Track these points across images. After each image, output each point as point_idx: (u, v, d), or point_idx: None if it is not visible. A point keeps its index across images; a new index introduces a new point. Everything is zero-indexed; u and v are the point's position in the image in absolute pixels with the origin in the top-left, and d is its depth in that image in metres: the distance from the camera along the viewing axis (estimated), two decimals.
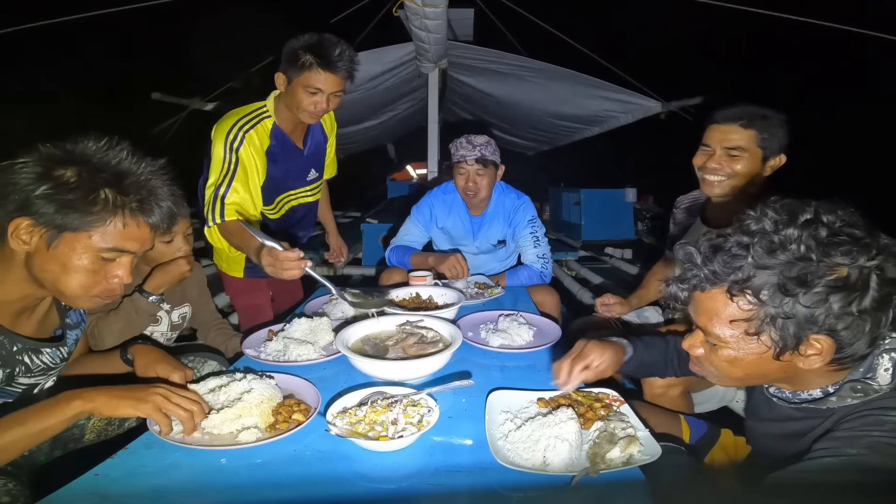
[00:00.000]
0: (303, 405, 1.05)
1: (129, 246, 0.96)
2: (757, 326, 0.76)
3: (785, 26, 2.96)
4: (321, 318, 1.50)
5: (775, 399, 0.92)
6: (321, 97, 1.73)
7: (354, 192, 7.88)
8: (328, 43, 1.69)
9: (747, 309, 0.76)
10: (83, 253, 0.92)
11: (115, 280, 0.98)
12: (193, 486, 0.84)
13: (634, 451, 0.88)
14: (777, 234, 0.74)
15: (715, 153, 1.51)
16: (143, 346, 1.25)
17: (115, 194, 0.91)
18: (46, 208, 0.87)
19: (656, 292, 1.96)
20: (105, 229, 0.92)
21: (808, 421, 0.84)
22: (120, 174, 0.93)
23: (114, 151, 0.94)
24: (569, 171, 7.58)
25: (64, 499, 0.78)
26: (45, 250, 0.91)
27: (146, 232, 0.98)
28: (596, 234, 5.29)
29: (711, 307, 0.81)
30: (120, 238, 0.94)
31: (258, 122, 1.80)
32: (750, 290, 0.75)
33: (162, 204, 0.99)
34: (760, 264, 0.74)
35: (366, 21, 4.63)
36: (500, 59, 4.07)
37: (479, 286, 2.05)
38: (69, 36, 3.95)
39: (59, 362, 1.10)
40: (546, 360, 1.36)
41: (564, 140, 6.11)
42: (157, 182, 0.98)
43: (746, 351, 0.80)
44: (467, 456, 0.91)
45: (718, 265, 0.78)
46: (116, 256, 0.96)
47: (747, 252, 0.75)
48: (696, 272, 0.81)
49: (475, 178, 2.16)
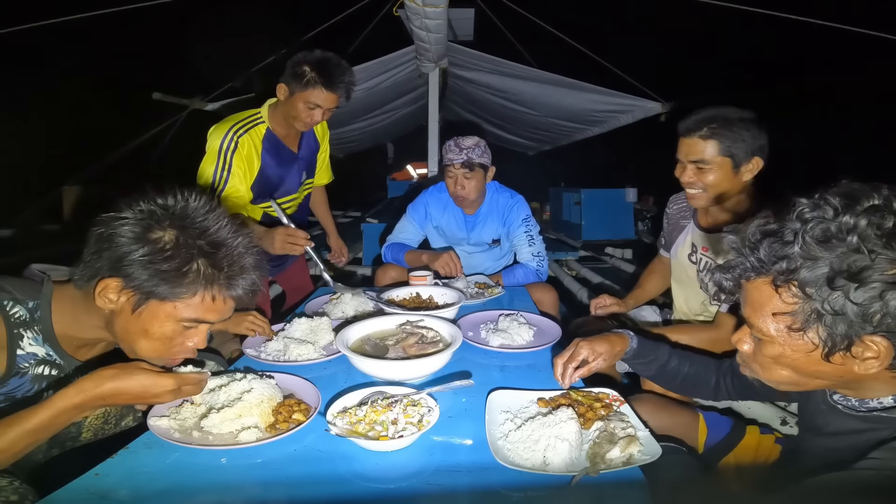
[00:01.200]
0: (303, 405, 1.05)
1: (210, 317, 0.93)
2: (802, 322, 0.69)
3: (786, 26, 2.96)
4: (321, 318, 1.50)
5: (840, 407, 0.83)
6: (318, 112, 1.87)
7: (354, 191, 7.87)
8: (331, 63, 1.83)
9: (791, 302, 0.70)
10: (165, 321, 0.90)
11: (189, 344, 0.96)
12: (194, 485, 0.84)
13: (634, 451, 0.88)
14: (833, 222, 0.66)
15: (686, 167, 1.49)
16: None
17: (207, 267, 0.89)
18: (139, 274, 0.85)
19: (652, 292, 1.97)
20: (192, 301, 0.90)
21: (875, 433, 0.75)
22: (215, 244, 0.90)
23: (213, 216, 0.92)
24: (569, 171, 7.58)
25: (64, 498, 0.78)
26: (130, 313, 0.89)
27: (230, 305, 0.96)
28: (596, 234, 5.29)
29: (756, 298, 0.75)
30: (203, 310, 0.92)
31: (252, 128, 1.91)
32: (796, 282, 0.68)
33: (248, 277, 0.96)
34: (809, 254, 0.66)
35: (366, 21, 4.62)
36: (501, 67, 4.08)
37: (479, 286, 2.06)
38: (69, 36, 3.94)
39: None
40: (546, 359, 1.36)
41: (565, 140, 6.11)
42: (248, 256, 0.95)
43: (792, 348, 0.73)
44: (467, 456, 0.91)
45: (765, 252, 0.71)
46: (196, 325, 0.94)
47: (796, 239, 0.68)
48: (743, 260, 0.75)
49: (463, 181, 2.17)
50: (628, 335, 1.17)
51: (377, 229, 3.98)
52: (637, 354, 1.16)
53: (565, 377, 1.07)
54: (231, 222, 0.94)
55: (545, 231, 6.02)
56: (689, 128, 1.46)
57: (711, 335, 1.53)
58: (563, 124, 5.33)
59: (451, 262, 2.04)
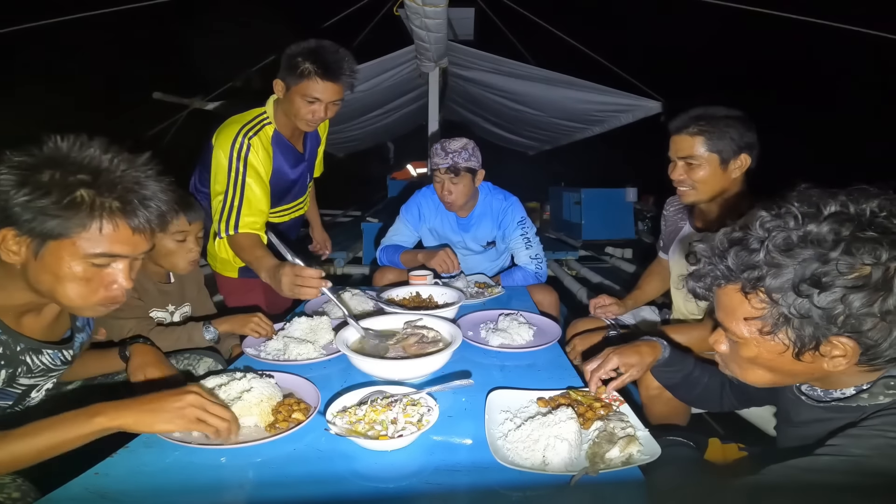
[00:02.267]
0: (302, 404, 1.05)
1: (118, 250, 0.89)
2: (771, 325, 0.73)
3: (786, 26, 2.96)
4: (321, 317, 1.50)
5: (804, 398, 0.89)
6: (319, 106, 1.71)
7: (354, 191, 7.87)
8: (327, 51, 1.66)
9: (760, 307, 0.73)
10: (71, 261, 0.87)
11: (114, 286, 0.93)
12: (193, 484, 0.84)
13: (634, 451, 0.88)
14: (796, 231, 0.69)
15: (676, 164, 1.53)
16: (142, 347, 1.25)
17: (92, 195, 0.85)
18: (25, 215, 0.83)
19: (652, 292, 1.97)
20: (89, 234, 0.86)
21: (837, 421, 0.80)
22: (95, 172, 0.86)
23: (88, 149, 0.87)
24: (569, 171, 7.58)
25: (64, 497, 0.78)
26: (34, 260, 0.87)
27: (142, 236, 0.92)
28: (596, 234, 5.29)
29: (727, 303, 0.78)
30: (108, 242, 0.87)
31: (261, 129, 1.78)
32: (763, 289, 0.72)
33: (150, 204, 0.90)
34: (774, 262, 0.70)
35: (366, 20, 4.63)
36: (501, 66, 4.08)
37: (479, 285, 2.06)
38: (69, 36, 3.94)
39: (59, 364, 1.09)
40: (546, 359, 1.36)
41: (565, 139, 6.11)
42: (140, 178, 0.90)
43: (765, 349, 0.77)
44: (467, 455, 0.91)
45: (732, 261, 0.75)
46: (109, 262, 0.90)
47: (761, 248, 0.71)
48: (712, 268, 0.78)
49: (449, 186, 2.13)
50: (660, 343, 1.18)
51: (377, 229, 3.98)
52: (668, 363, 1.17)
53: (592, 385, 1.11)
54: (115, 153, 0.89)
55: (545, 231, 6.04)
56: (678, 125, 1.51)
57: (703, 333, 1.54)
58: (564, 123, 5.32)
59: (448, 258, 2.01)
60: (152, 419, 0.87)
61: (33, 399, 1.08)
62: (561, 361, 1.34)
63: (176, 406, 0.88)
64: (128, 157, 0.90)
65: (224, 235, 1.67)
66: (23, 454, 0.83)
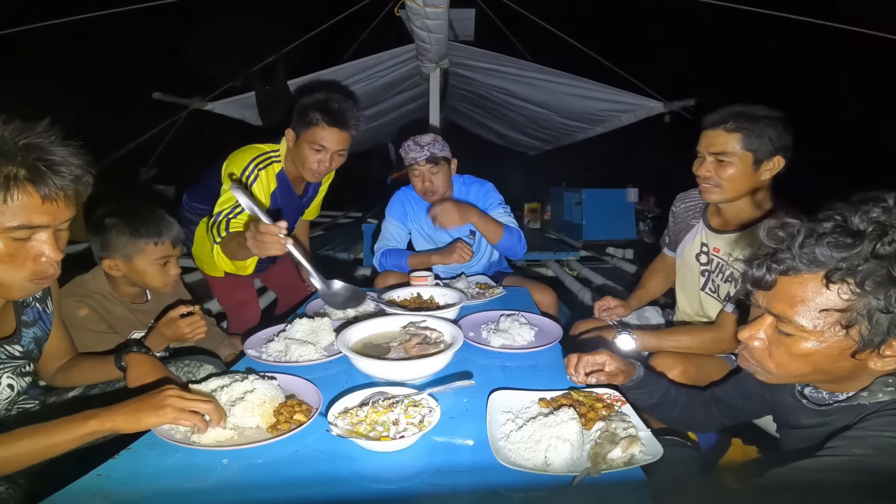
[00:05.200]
0: (304, 405, 1.05)
1: (37, 220, 0.87)
2: (850, 318, 0.71)
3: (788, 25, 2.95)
4: (322, 319, 1.50)
5: (804, 402, 0.88)
6: (325, 155, 1.83)
7: (355, 191, 7.87)
8: (334, 100, 1.82)
9: (846, 298, 0.71)
10: None
11: (42, 259, 0.91)
12: (195, 486, 0.84)
13: (636, 451, 0.88)
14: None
15: (705, 160, 1.48)
16: (138, 356, 1.25)
17: None
18: None
19: (655, 291, 1.96)
20: (2, 208, 0.84)
21: (839, 422, 0.81)
22: None
23: None
24: (570, 171, 7.58)
25: (66, 499, 0.78)
26: None
27: (58, 204, 0.89)
28: (597, 234, 5.29)
29: (798, 293, 0.75)
30: (23, 213, 0.85)
31: (269, 164, 1.89)
32: (853, 280, 0.70)
33: (59, 168, 0.87)
34: (877, 253, 0.68)
35: (367, 21, 4.62)
36: (502, 63, 4.07)
37: (480, 286, 2.06)
38: (69, 36, 3.94)
39: (3, 358, 1.07)
40: (547, 360, 1.36)
41: (567, 140, 6.10)
42: (43, 144, 0.87)
43: (828, 344, 0.74)
44: (469, 456, 0.91)
45: (820, 249, 0.72)
46: (29, 234, 0.89)
47: (861, 239, 0.69)
48: (792, 254, 0.75)
49: (430, 177, 2.18)
50: (636, 364, 1.18)
51: None
52: (642, 383, 1.16)
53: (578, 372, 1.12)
54: (8, 124, 0.86)
55: (546, 231, 6.05)
56: (715, 120, 1.46)
57: (714, 335, 1.53)
58: (566, 123, 5.32)
59: (464, 250, 2.07)
60: (139, 416, 0.90)
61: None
62: (562, 362, 1.34)
63: (156, 401, 0.92)
64: (23, 126, 0.87)
65: (219, 240, 1.71)
66: (17, 455, 0.85)
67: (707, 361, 1.52)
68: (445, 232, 2.33)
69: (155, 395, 0.93)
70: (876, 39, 2.64)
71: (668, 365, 1.43)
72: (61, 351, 1.28)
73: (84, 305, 1.48)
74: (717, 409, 1.16)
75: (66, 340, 1.30)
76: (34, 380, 1.26)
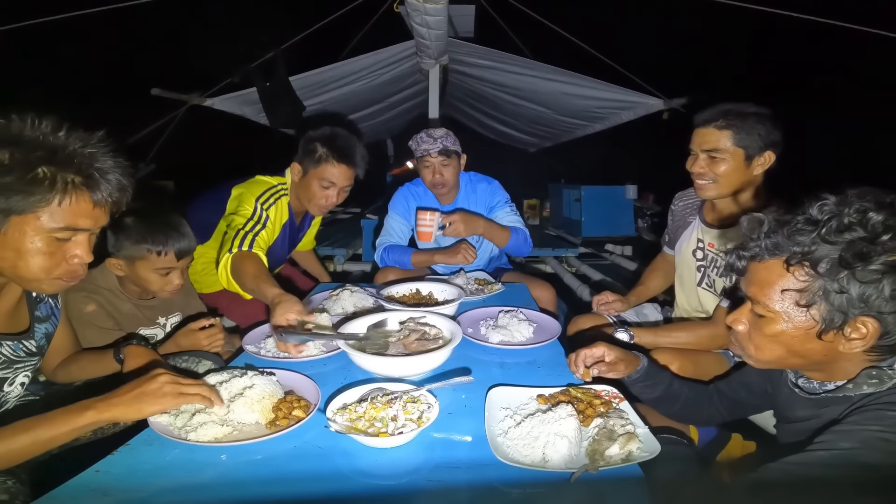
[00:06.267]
0: (303, 401, 1.05)
1: (81, 223, 0.92)
2: (808, 298, 0.77)
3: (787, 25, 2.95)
4: (321, 315, 1.50)
5: (798, 391, 0.93)
6: (333, 191, 1.87)
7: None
8: (341, 137, 1.85)
9: (802, 280, 0.78)
10: (35, 235, 0.89)
11: (74, 260, 0.96)
12: (194, 482, 0.84)
13: (633, 448, 0.88)
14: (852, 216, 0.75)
15: (698, 157, 1.51)
16: (136, 348, 1.24)
17: (53, 171, 0.87)
18: None
19: (655, 289, 1.96)
20: (51, 209, 0.88)
21: (828, 414, 0.85)
22: (52, 149, 0.88)
23: (43, 128, 0.89)
24: (570, 168, 7.58)
25: (65, 495, 0.78)
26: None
27: (102, 210, 0.95)
28: (596, 231, 5.28)
29: (765, 277, 0.83)
30: (70, 216, 0.90)
31: (280, 197, 1.90)
32: (808, 262, 0.77)
33: (109, 177, 0.93)
34: (827, 239, 0.75)
35: (367, 17, 4.61)
36: (502, 60, 4.06)
37: (479, 282, 2.06)
38: (69, 32, 3.92)
39: (23, 356, 1.09)
40: (546, 356, 1.36)
41: (566, 136, 6.10)
42: (96, 154, 0.93)
43: (793, 325, 0.81)
44: (467, 452, 0.91)
45: (782, 237, 0.80)
46: (71, 235, 0.93)
47: (815, 227, 0.76)
48: (758, 242, 0.83)
49: (441, 169, 2.19)
50: (640, 356, 1.18)
51: (376, 225, 3.98)
52: (646, 376, 1.18)
53: (578, 366, 1.15)
54: (69, 130, 0.91)
55: (545, 228, 6.04)
56: (706, 118, 1.49)
57: (710, 331, 1.54)
58: (565, 120, 5.32)
59: (469, 251, 2.07)
60: (139, 406, 0.91)
61: (9, 394, 1.08)
62: (561, 358, 1.34)
63: (153, 388, 0.92)
64: (82, 134, 0.92)
65: (235, 250, 1.64)
66: (17, 448, 0.86)
67: (704, 357, 1.53)
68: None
69: (151, 383, 0.93)
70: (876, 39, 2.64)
71: (665, 361, 1.43)
72: (65, 346, 1.28)
73: (92, 301, 1.47)
74: (720, 403, 1.18)
75: (70, 336, 1.30)
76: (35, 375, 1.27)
